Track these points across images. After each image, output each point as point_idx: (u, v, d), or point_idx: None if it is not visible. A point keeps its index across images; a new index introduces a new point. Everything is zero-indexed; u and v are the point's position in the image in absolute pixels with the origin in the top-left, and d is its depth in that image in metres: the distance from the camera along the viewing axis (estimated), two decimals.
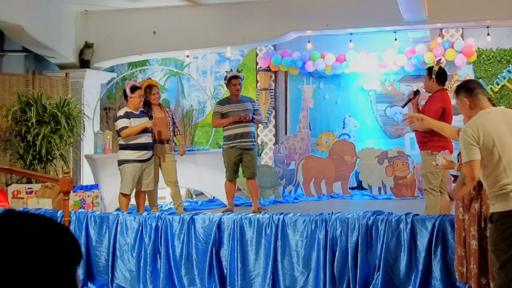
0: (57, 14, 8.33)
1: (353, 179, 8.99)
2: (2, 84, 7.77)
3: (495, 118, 3.50)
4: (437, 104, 5.53)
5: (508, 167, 3.39)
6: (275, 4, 8.22)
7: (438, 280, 4.64)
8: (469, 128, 3.45)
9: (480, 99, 3.62)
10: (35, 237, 1.08)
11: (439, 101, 5.55)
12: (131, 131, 6.35)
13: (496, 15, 7.70)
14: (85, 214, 5.66)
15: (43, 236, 1.09)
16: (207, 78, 10.36)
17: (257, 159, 7.16)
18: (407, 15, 7.48)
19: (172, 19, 8.58)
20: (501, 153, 3.39)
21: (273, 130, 10.11)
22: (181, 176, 6.89)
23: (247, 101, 7.05)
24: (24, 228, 1.08)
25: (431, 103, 5.63)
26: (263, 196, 7.98)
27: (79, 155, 8.21)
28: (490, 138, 3.40)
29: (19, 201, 6.61)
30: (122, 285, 5.45)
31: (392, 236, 4.81)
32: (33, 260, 1.05)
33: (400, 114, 9.53)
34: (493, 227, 3.44)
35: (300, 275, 5.01)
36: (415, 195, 8.23)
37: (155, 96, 6.79)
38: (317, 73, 9.75)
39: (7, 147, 7.58)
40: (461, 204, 4.14)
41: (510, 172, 3.39)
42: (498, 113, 3.59)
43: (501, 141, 3.41)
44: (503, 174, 3.39)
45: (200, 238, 5.29)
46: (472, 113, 3.60)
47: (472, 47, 9.16)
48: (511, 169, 3.39)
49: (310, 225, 5.02)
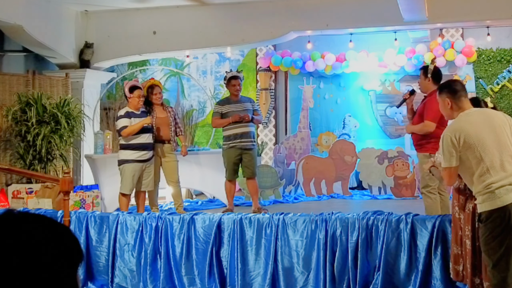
0: (57, 14, 8.33)
1: (353, 179, 9.00)
2: (2, 84, 7.77)
3: (475, 119, 3.59)
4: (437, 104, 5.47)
5: (491, 166, 3.46)
6: (275, 4, 8.22)
7: (438, 280, 4.63)
8: (450, 134, 3.54)
9: (462, 101, 3.72)
10: (36, 237, 1.08)
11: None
12: (131, 130, 6.35)
13: (496, 15, 7.71)
14: (85, 214, 5.66)
15: (44, 236, 1.09)
16: (207, 78, 10.36)
17: (257, 159, 7.16)
18: (407, 15, 7.48)
19: (172, 19, 8.58)
20: (483, 153, 3.47)
21: (273, 130, 10.11)
22: (181, 176, 6.88)
23: (247, 101, 7.06)
24: (25, 228, 1.08)
25: (430, 103, 5.46)
26: (263, 196, 7.98)
27: (79, 155, 8.21)
28: (470, 141, 3.49)
29: (19, 201, 6.60)
30: (122, 285, 5.45)
31: (392, 236, 4.81)
32: (34, 260, 1.05)
33: (400, 114, 9.54)
34: (483, 227, 3.49)
35: (300, 275, 5.01)
36: (415, 195, 8.22)
37: (157, 96, 6.78)
38: (317, 73, 9.76)
39: (7, 147, 7.58)
40: (457, 203, 4.15)
41: (494, 172, 3.45)
42: (478, 114, 3.67)
43: (481, 142, 3.48)
44: (487, 174, 3.46)
45: (200, 238, 5.29)
46: (453, 114, 3.72)
47: (472, 47, 9.16)
48: (494, 168, 3.46)
49: (310, 225, 5.02)
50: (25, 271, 1.04)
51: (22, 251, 1.05)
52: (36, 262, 1.05)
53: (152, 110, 6.75)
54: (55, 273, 1.07)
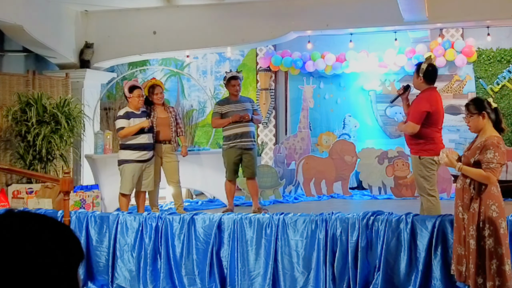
0: (57, 14, 8.33)
1: (353, 179, 8.99)
2: (2, 84, 7.77)
3: None
4: (422, 106, 5.19)
5: None
6: (275, 4, 8.22)
7: (438, 280, 4.64)
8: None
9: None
10: (36, 237, 1.08)
11: (424, 102, 5.20)
12: (128, 132, 6.35)
13: (496, 15, 7.71)
14: (85, 214, 5.66)
15: (44, 235, 1.09)
16: (207, 78, 10.36)
17: (257, 159, 7.16)
18: (407, 15, 7.48)
19: (172, 19, 8.58)
20: None
21: (273, 130, 10.11)
22: (181, 176, 6.88)
23: (247, 101, 7.06)
24: (25, 228, 1.08)
25: (416, 103, 5.30)
26: (263, 196, 7.98)
27: (79, 155, 8.21)
28: None
29: (19, 201, 6.61)
30: (122, 285, 5.45)
31: (392, 236, 4.81)
32: (35, 259, 1.05)
33: (400, 114, 9.54)
34: None
35: (300, 275, 5.01)
36: (415, 195, 8.21)
37: (158, 96, 6.77)
38: (317, 73, 9.76)
39: (7, 147, 7.58)
40: (461, 203, 4.14)
41: None
42: None
43: None
44: None
45: (200, 238, 5.29)
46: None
47: (472, 47, 9.16)
48: None
49: (310, 225, 5.02)
50: (26, 270, 1.04)
51: (23, 251, 1.05)
52: (37, 261, 1.05)
53: (153, 110, 6.74)
54: (56, 273, 1.07)
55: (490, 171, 3.94)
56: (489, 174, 3.95)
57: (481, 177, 3.98)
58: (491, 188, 3.99)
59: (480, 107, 4.11)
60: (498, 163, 3.95)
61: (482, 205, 3.98)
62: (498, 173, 3.98)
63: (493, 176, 3.95)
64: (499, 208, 3.97)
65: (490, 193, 3.98)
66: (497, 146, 3.95)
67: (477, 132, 4.17)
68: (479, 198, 4.00)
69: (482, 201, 3.99)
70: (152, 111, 6.72)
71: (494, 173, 3.95)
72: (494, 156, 3.93)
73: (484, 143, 4.00)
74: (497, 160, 3.94)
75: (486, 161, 3.95)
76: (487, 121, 4.09)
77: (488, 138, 4.01)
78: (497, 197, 3.99)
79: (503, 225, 3.96)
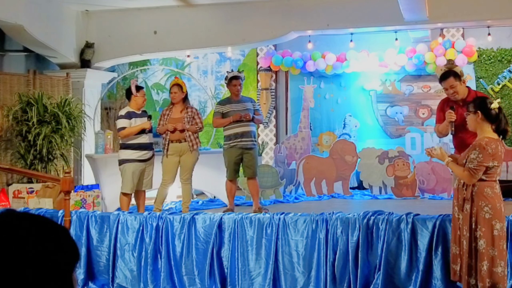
0: (58, 14, 8.33)
1: (353, 179, 8.99)
2: (3, 84, 7.77)
3: None
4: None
5: None
6: (275, 4, 8.23)
7: (439, 280, 4.64)
8: None
9: None
10: (32, 237, 1.08)
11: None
12: (129, 132, 6.37)
13: (497, 15, 7.71)
14: (86, 213, 5.67)
15: (40, 236, 1.10)
16: (208, 78, 10.36)
17: (257, 159, 7.15)
18: (408, 15, 7.48)
19: (173, 19, 8.59)
20: None
21: (273, 130, 10.11)
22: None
23: (248, 101, 7.06)
24: (22, 228, 1.09)
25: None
26: (263, 196, 7.98)
27: (80, 154, 8.22)
28: None
29: (20, 201, 6.61)
30: (123, 285, 5.45)
31: (392, 236, 4.82)
32: (30, 260, 1.06)
33: (401, 114, 9.54)
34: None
35: (300, 275, 5.01)
36: (415, 195, 8.23)
37: (172, 95, 6.68)
38: (318, 73, 9.76)
39: (8, 146, 7.58)
40: (457, 203, 4.16)
41: None
42: None
43: None
44: None
45: (200, 238, 5.30)
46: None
47: (472, 47, 9.16)
48: None
49: (311, 225, 5.03)
50: (21, 270, 1.04)
51: (18, 251, 1.05)
52: (32, 262, 1.06)
53: (170, 110, 6.72)
54: (51, 273, 1.08)
55: (468, 170, 3.96)
56: (466, 174, 3.97)
57: (461, 175, 4.04)
58: (483, 189, 3.98)
59: (477, 106, 4.12)
60: (480, 164, 3.94)
61: (474, 207, 4.00)
62: (478, 174, 3.96)
63: (471, 176, 3.96)
64: (493, 209, 3.95)
65: (482, 195, 3.98)
66: (483, 147, 3.93)
67: (475, 130, 4.18)
68: (471, 199, 4.01)
69: (474, 203, 4.00)
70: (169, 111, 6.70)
71: (473, 174, 3.95)
72: (477, 157, 3.94)
73: (474, 143, 4.05)
74: (479, 161, 3.93)
75: (468, 160, 3.99)
76: (482, 120, 4.09)
77: (479, 139, 4.04)
78: (491, 198, 3.98)
79: (497, 226, 3.95)
